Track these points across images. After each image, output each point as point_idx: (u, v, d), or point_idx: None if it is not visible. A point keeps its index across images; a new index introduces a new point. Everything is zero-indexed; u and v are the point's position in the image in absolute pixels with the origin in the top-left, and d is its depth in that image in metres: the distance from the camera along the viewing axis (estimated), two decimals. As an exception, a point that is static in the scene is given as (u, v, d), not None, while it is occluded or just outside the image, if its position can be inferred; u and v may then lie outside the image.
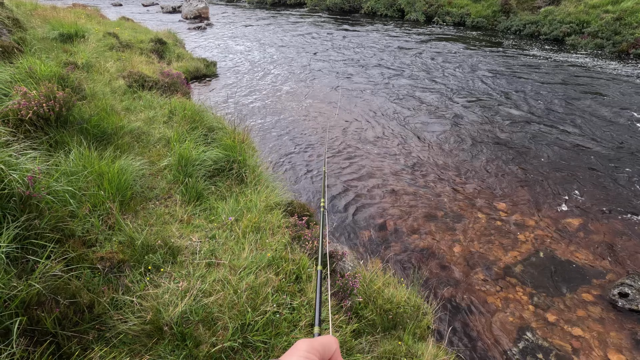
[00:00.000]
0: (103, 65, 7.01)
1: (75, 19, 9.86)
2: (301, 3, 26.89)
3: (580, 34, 14.56)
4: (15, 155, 2.38)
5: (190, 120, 4.92)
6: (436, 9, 19.75)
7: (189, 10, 21.49)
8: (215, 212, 3.25)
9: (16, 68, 4.38)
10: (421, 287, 3.62)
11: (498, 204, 5.02)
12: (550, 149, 6.44)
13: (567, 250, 4.21)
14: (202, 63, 10.57)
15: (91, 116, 4.14)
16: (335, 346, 0.59)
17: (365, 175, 5.69)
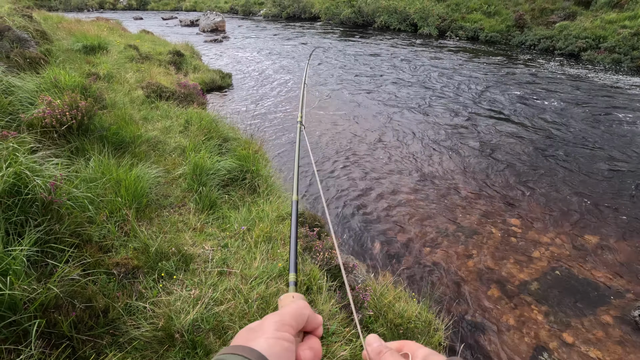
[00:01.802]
0: (123, 76, 7.24)
1: (98, 31, 10.26)
2: (315, 17, 27.39)
3: (596, 49, 14.41)
4: (40, 161, 2.47)
5: (205, 130, 5.02)
6: (449, 23, 19.86)
7: (206, 23, 22.11)
8: (228, 221, 3.29)
9: (42, 78, 4.57)
10: (433, 303, 3.56)
11: (512, 219, 4.94)
12: (565, 165, 6.32)
13: (584, 268, 4.09)
14: (218, 74, 10.81)
15: (111, 125, 4.27)
16: (308, 311, 0.53)
17: (377, 188, 5.68)
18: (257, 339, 0.43)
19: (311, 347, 0.50)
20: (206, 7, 34.85)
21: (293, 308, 0.51)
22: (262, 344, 0.42)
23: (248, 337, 0.44)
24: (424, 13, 20.77)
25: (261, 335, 0.43)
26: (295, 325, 0.48)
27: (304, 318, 0.50)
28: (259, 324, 0.47)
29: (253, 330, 0.45)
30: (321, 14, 26.30)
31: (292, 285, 0.68)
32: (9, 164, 2.15)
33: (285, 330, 0.45)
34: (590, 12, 16.79)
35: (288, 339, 0.45)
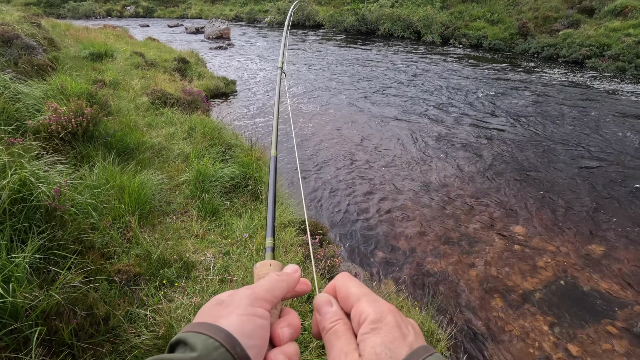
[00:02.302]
0: (129, 82, 7.32)
1: (105, 39, 10.41)
2: (319, 25, 27.64)
3: (600, 57, 14.40)
4: (44, 168, 2.49)
5: (209, 137, 5.05)
6: (453, 31, 19.96)
7: (211, 30, 22.36)
8: (230, 228, 3.29)
9: (49, 85, 4.63)
10: (435, 312, 3.53)
11: (516, 227, 4.90)
12: (570, 174, 6.29)
13: (590, 279, 4.04)
14: (222, 81, 10.90)
15: (115, 131, 4.31)
16: (286, 282, 0.47)
17: (379, 195, 5.67)
18: (228, 316, 0.38)
19: (289, 323, 0.45)
20: (211, 15, 35.27)
21: (269, 280, 0.45)
22: (233, 321, 0.38)
23: (216, 313, 0.39)
24: (428, 21, 20.90)
25: (232, 310, 0.39)
26: (271, 299, 0.43)
27: (281, 290, 0.46)
28: (229, 296, 0.42)
29: (223, 305, 0.40)
30: (325, 21, 26.53)
31: (269, 252, 0.61)
32: (14, 170, 2.17)
33: (259, 306, 0.41)
34: (594, 21, 16.82)
35: (262, 315, 0.41)
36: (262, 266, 0.53)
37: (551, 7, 18.76)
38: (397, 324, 0.39)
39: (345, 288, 0.44)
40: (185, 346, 0.36)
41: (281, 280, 0.46)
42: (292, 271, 0.50)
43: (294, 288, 0.49)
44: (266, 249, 0.63)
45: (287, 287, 0.47)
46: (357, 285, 0.44)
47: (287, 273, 0.49)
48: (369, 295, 0.42)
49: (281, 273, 0.48)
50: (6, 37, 5.41)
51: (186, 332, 0.37)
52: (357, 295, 0.42)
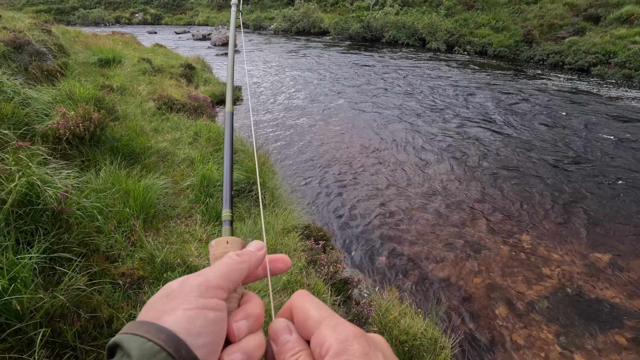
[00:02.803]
0: (136, 88, 7.41)
1: (113, 45, 10.58)
2: (324, 32, 27.87)
3: (606, 64, 14.35)
4: (51, 172, 2.52)
5: (214, 142, 5.09)
6: (457, 38, 20.02)
7: (217, 37, 22.64)
8: (233, 233, 3.30)
9: (57, 90, 4.71)
10: (439, 319, 3.49)
11: (521, 235, 4.86)
12: (575, 182, 6.24)
13: (596, 288, 3.99)
14: (228, 87, 10.99)
15: (122, 136, 4.36)
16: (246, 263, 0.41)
17: (383, 200, 5.66)
18: (173, 312, 0.33)
19: (247, 314, 0.39)
20: (218, 22, 35.73)
21: (225, 263, 0.40)
22: (178, 318, 0.33)
23: (161, 308, 0.34)
24: (432, 28, 21.00)
25: (178, 304, 0.34)
26: (227, 286, 0.38)
27: (240, 273, 0.40)
28: (179, 286, 0.36)
29: (169, 298, 0.35)
30: (330, 28, 26.75)
31: (226, 226, 0.51)
32: (22, 174, 2.20)
33: (212, 296, 0.36)
34: (600, 28, 16.80)
35: (215, 306, 0.35)
36: (218, 244, 0.45)
37: (556, 14, 18.78)
38: (364, 354, 0.33)
39: (303, 311, 0.37)
40: (122, 351, 0.31)
41: (240, 261, 0.40)
42: (255, 249, 0.44)
43: (257, 268, 0.43)
44: (223, 223, 0.52)
45: (248, 269, 0.41)
46: (316, 306, 0.37)
47: (249, 252, 0.43)
48: (330, 319, 0.35)
49: (242, 252, 0.42)
50: (17, 43, 5.52)
51: (123, 335, 0.32)
52: (317, 320, 0.36)
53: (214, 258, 0.44)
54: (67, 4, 44.50)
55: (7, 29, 6.66)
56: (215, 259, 0.43)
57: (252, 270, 0.42)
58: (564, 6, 19.27)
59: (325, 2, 32.99)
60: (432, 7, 24.96)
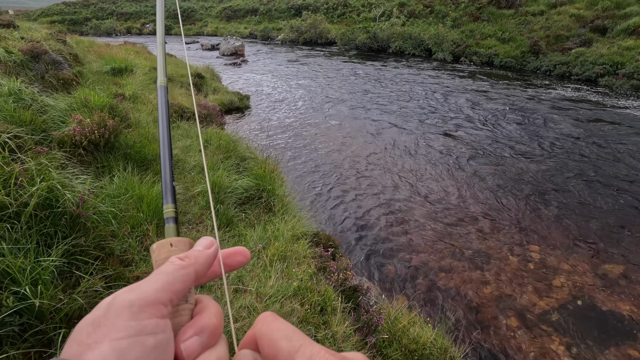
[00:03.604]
0: (147, 96, 7.56)
1: (125, 55, 10.82)
2: (331, 42, 28.21)
3: (614, 75, 14.32)
4: (69, 177, 2.59)
5: (224, 150, 5.16)
6: (464, 49, 20.15)
7: (226, 47, 23.02)
8: (244, 239, 3.33)
9: (73, 98, 4.83)
10: (448, 329, 3.47)
11: (530, 245, 4.83)
12: (585, 192, 6.20)
13: (608, 300, 3.94)
14: (237, 96, 11.16)
15: (134, 143, 4.45)
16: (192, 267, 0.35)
17: (391, 209, 5.66)
18: (98, 345, 0.26)
19: (200, 328, 0.33)
20: (226, 32, 36.36)
21: (164, 272, 0.33)
22: (105, 353, 0.26)
23: (85, 340, 0.27)
24: (439, 39, 21.17)
25: (105, 334, 0.27)
26: (168, 299, 0.31)
27: (186, 280, 0.33)
28: (105, 308, 0.29)
29: (95, 326, 0.28)
30: (337, 39, 27.08)
31: (170, 224, 0.43)
32: (42, 178, 2.27)
33: (150, 316, 0.29)
34: (607, 39, 16.81)
35: (155, 329, 0.29)
36: (160, 248, 0.39)
37: (563, 25, 18.84)
38: None
39: (270, 341, 0.31)
40: None
41: (184, 266, 0.34)
42: (203, 247, 0.38)
43: (208, 269, 0.37)
44: (165, 222, 0.43)
45: (195, 273, 0.35)
46: (285, 334, 0.31)
47: (195, 253, 0.37)
48: (304, 350, 0.29)
49: (186, 254, 0.36)
50: (35, 52, 5.69)
51: None
52: (289, 352, 0.30)
53: (157, 264, 0.37)
54: (81, 15, 45.68)
55: (25, 39, 6.87)
56: (158, 265, 0.36)
57: (202, 273, 0.36)
58: (570, 18, 19.35)
59: (332, 13, 33.47)
60: (439, 18, 25.20)
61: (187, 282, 0.34)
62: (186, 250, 0.39)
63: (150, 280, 0.32)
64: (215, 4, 48.12)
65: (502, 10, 22.85)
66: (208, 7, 47.17)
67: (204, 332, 0.33)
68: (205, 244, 0.39)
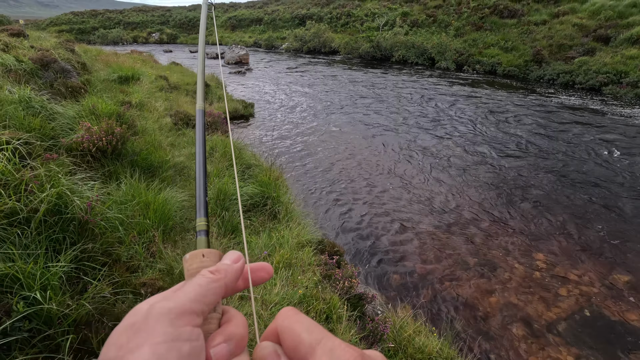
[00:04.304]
0: (153, 104, 7.65)
1: (132, 63, 10.97)
2: (335, 51, 28.47)
3: (618, 84, 14.32)
4: (79, 183, 2.62)
5: (229, 157, 5.20)
6: (466, 58, 20.26)
7: (231, 56, 23.28)
8: (249, 246, 3.34)
9: (81, 106, 4.90)
10: (454, 338, 3.43)
11: (536, 254, 4.79)
12: (591, 201, 6.16)
13: (617, 310, 3.89)
14: (241, 104, 11.26)
15: (141, 150, 4.49)
16: (222, 280, 0.37)
17: (396, 217, 5.65)
18: (139, 349, 0.28)
19: (228, 336, 0.35)
20: (231, 41, 36.81)
21: (198, 284, 0.35)
22: (146, 356, 0.28)
23: (126, 344, 0.29)
24: (442, 48, 21.31)
25: (145, 339, 0.29)
26: (202, 309, 0.34)
27: (216, 293, 0.36)
28: (144, 314, 0.31)
29: (133, 330, 0.30)
30: (340, 48, 27.33)
31: (201, 236, 0.47)
32: (52, 184, 2.30)
33: (185, 324, 0.31)
34: (610, 48, 16.85)
35: (190, 336, 0.31)
36: (193, 259, 0.41)
37: (565, 35, 18.93)
38: None
39: (292, 334, 0.33)
40: None
41: (215, 280, 0.37)
42: (231, 261, 0.41)
43: (236, 283, 0.40)
44: (197, 234, 0.47)
45: (225, 287, 0.37)
46: (307, 328, 0.32)
47: (224, 267, 0.39)
48: (325, 342, 0.31)
49: (216, 268, 0.38)
50: (45, 61, 5.79)
51: None
52: (310, 344, 0.31)
53: (189, 274, 0.40)
54: (88, 24, 46.48)
55: (35, 47, 6.99)
56: (191, 275, 0.39)
57: (230, 287, 0.38)
58: (573, 27, 19.44)
59: (335, 23, 33.83)
60: (441, 27, 25.40)
61: (218, 294, 0.36)
62: (216, 261, 0.41)
63: (185, 290, 0.34)
64: (221, 13, 48.81)
65: (505, 20, 23.02)
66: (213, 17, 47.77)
67: (232, 339, 0.35)
68: (233, 258, 0.41)
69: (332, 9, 37.16)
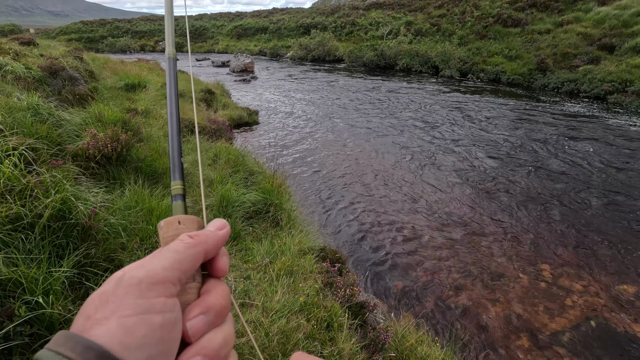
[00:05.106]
0: (159, 111, 7.74)
1: (138, 71, 11.14)
2: (339, 59, 28.69)
3: (623, 93, 14.26)
4: (82, 189, 2.65)
5: (232, 164, 5.23)
6: (470, 66, 20.31)
7: (236, 64, 23.54)
8: (250, 253, 3.34)
9: (88, 113, 4.98)
10: (457, 348, 3.39)
11: (541, 264, 4.74)
12: (597, 211, 6.10)
13: (623, 321, 3.82)
14: (245, 112, 11.35)
15: (145, 157, 4.54)
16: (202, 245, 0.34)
17: (397, 224, 5.63)
18: (106, 321, 0.26)
19: (207, 307, 0.33)
20: (237, 50, 37.26)
21: (174, 250, 0.32)
22: (112, 329, 0.26)
23: (94, 314, 0.27)
24: (446, 56, 21.40)
25: (113, 311, 0.27)
26: (177, 277, 0.31)
27: (194, 259, 0.33)
28: (114, 284, 0.29)
29: (103, 301, 0.27)
30: (345, 56, 27.54)
31: (177, 201, 0.42)
32: (57, 190, 2.33)
33: (158, 294, 0.29)
34: (615, 57, 16.82)
35: (163, 307, 0.29)
36: (168, 225, 0.38)
37: (570, 44, 18.94)
38: None
39: None
40: None
41: (194, 244, 0.33)
42: (215, 228, 0.37)
43: (217, 250, 0.36)
44: (173, 199, 0.42)
45: (204, 253, 0.34)
46: None
47: (205, 232, 0.36)
48: None
49: (197, 233, 0.35)
50: (53, 69, 5.90)
51: (46, 350, 0.25)
52: None
53: (165, 242, 0.37)
54: (97, 33, 47.33)
55: (44, 56, 7.14)
56: (166, 243, 0.35)
57: (211, 255, 0.35)
58: (577, 36, 19.46)
59: (340, 32, 34.16)
60: (445, 36, 25.55)
61: (197, 261, 0.33)
62: (194, 228, 0.38)
63: (160, 257, 0.31)
64: (226, 22, 49.54)
65: (509, 29, 23.10)
66: (219, 26, 48.54)
67: (210, 311, 0.33)
68: (218, 225, 0.38)
69: (336, 18, 37.57)
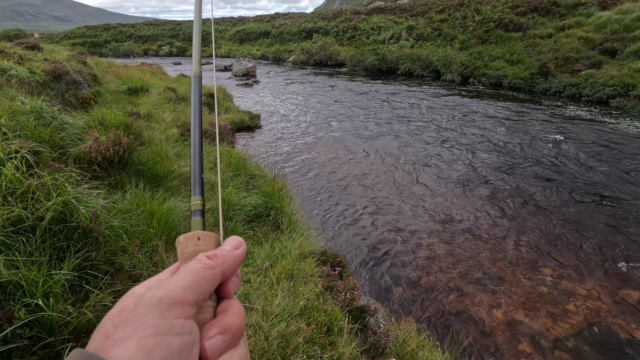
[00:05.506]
0: (161, 115, 7.78)
1: (141, 75, 11.21)
2: (341, 64, 28.80)
3: (625, 97, 14.23)
4: (84, 192, 2.66)
5: (234, 168, 5.24)
6: (472, 70, 20.34)
7: (238, 68, 23.66)
8: (251, 257, 3.34)
9: (90, 116, 5.01)
10: (459, 353, 3.37)
11: (543, 268, 4.71)
12: (599, 215, 6.07)
13: (627, 326, 3.79)
14: (247, 116, 11.39)
15: (147, 160, 4.56)
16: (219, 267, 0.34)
17: (399, 229, 5.62)
18: (126, 341, 0.26)
19: (225, 327, 0.33)
20: (239, 54, 37.48)
21: (192, 271, 0.32)
22: (132, 351, 0.25)
23: (112, 334, 0.27)
24: (447, 61, 21.45)
25: (133, 331, 0.26)
26: (195, 299, 0.31)
27: (212, 280, 0.33)
28: (134, 303, 0.29)
29: (122, 319, 0.27)
30: (347, 61, 27.64)
31: (196, 217, 0.42)
32: (58, 193, 2.34)
33: (177, 316, 0.29)
34: (617, 61, 16.81)
35: (181, 329, 0.29)
36: (188, 241, 0.38)
37: (571, 48, 18.95)
38: None
39: None
40: None
41: (212, 266, 0.33)
42: (232, 247, 0.37)
43: (234, 271, 0.36)
44: (192, 214, 0.42)
45: (222, 274, 0.34)
46: None
47: (223, 252, 0.36)
48: None
49: (214, 253, 0.35)
50: (57, 73, 5.95)
51: None
52: None
53: (184, 258, 0.37)
54: (101, 37, 47.74)
55: (48, 60, 7.19)
56: (185, 259, 0.36)
57: (229, 275, 0.35)
58: (579, 40, 19.46)
59: (342, 36, 34.32)
60: (447, 41, 25.62)
61: (214, 283, 0.33)
62: (212, 245, 0.38)
63: (178, 278, 0.31)
64: (229, 27, 49.86)
65: (510, 33, 23.15)
66: (222, 30, 48.86)
67: (228, 331, 0.33)
68: (234, 243, 0.38)
69: (338, 22, 37.77)
